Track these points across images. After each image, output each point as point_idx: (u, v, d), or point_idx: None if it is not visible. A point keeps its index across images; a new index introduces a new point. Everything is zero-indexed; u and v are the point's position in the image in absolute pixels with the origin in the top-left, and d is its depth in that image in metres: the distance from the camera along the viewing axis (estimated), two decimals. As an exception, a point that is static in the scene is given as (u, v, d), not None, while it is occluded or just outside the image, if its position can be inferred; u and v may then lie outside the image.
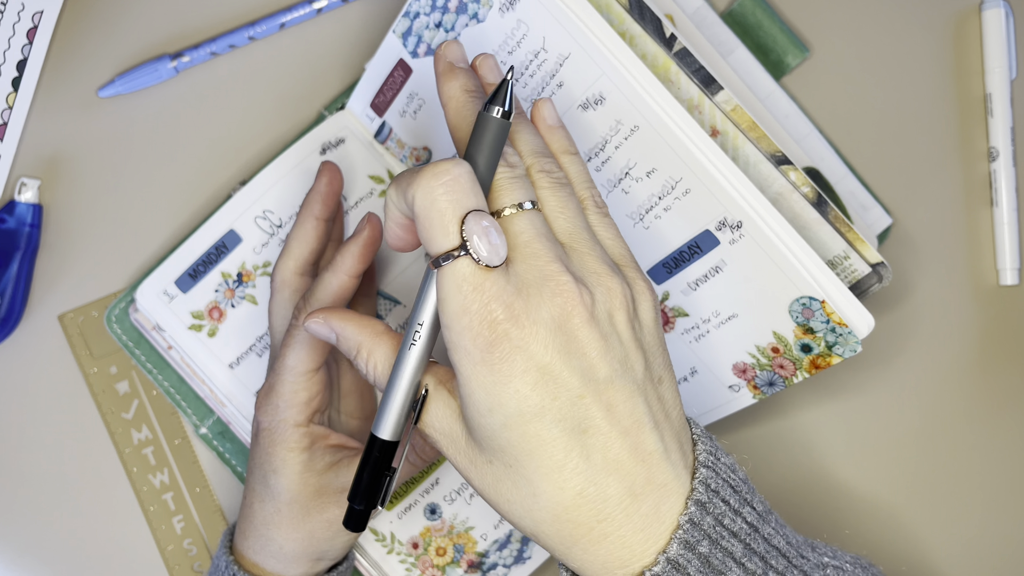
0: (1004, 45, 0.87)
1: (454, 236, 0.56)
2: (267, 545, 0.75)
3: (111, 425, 0.86)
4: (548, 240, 0.59)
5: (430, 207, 0.56)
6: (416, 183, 0.57)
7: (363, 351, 0.64)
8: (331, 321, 0.65)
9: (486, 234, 0.56)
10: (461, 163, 0.57)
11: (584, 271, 0.59)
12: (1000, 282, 0.88)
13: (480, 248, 0.56)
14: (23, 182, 0.85)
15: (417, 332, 0.60)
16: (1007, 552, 0.89)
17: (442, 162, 0.57)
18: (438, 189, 0.56)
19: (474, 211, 0.56)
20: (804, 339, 0.71)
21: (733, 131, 0.73)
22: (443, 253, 0.56)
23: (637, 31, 0.72)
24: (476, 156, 0.59)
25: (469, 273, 0.56)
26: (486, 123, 0.59)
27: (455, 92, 0.63)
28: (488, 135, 0.59)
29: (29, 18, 0.84)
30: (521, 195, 0.59)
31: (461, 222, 0.56)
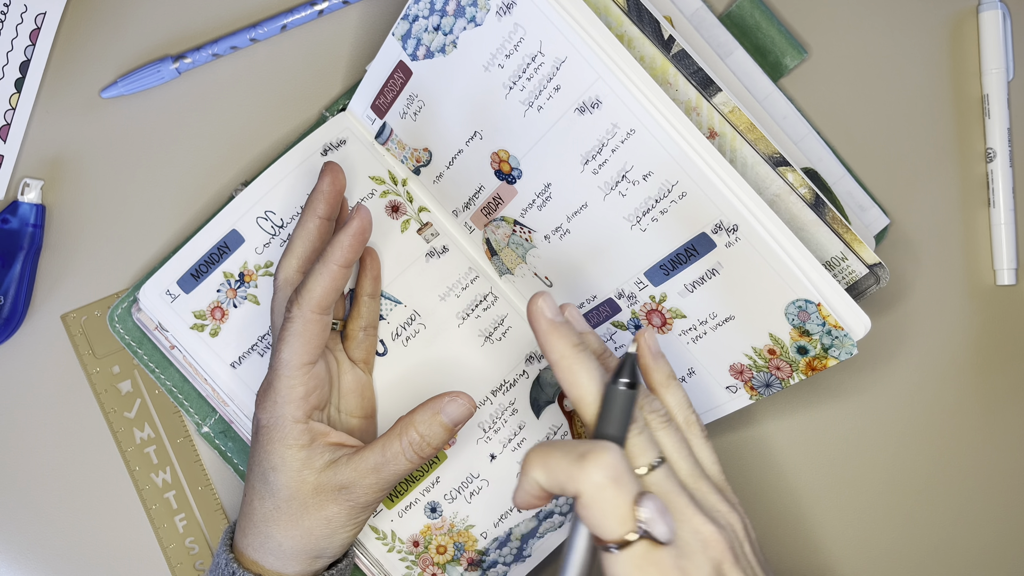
0: (1001, 46, 0.87)
1: (628, 522, 0.58)
2: (266, 542, 0.75)
3: (113, 424, 0.86)
4: (683, 493, 0.63)
5: (600, 499, 0.58)
6: (580, 477, 0.59)
7: None
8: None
9: (660, 516, 0.58)
10: (613, 449, 0.59)
11: (714, 511, 0.64)
12: (997, 282, 0.88)
13: (660, 531, 0.58)
14: (26, 182, 0.85)
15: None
16: (1007, 552, 0.89)
17: (595, 452, 0.59)
18: (604, 482, 0.58)
19: (644, 495, 0.59)
20: (800, 341, 0.72)
21: (731, 133, 0.74)
22: (618, 539, 0.59)
23: (635, 33, 0.73)
24: (610, 428, 0.62)
25: (645, 552, 0.59)
26: (616, 396, 0.62)
27: (565, 351, 0.65)
28: (618, 407, 0.62)
29: (32, 19, 0.84)
30: (652, 453, 0.63)
31: (633, 508, 0.58)
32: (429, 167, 0.83)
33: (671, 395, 0.69)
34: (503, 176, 0.78)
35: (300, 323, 0.73)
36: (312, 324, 0.73)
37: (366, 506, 0.74)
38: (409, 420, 0.73)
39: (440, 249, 0.85)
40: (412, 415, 0.74)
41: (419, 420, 0.73)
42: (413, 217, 0.85)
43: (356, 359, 0.82)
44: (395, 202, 0.85)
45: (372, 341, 0.84)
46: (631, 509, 0.58)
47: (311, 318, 0.73)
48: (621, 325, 0.80)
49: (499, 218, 0.81)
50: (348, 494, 0.73)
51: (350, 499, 0.73)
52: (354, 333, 0.82)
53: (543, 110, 0.72)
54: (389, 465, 0.73)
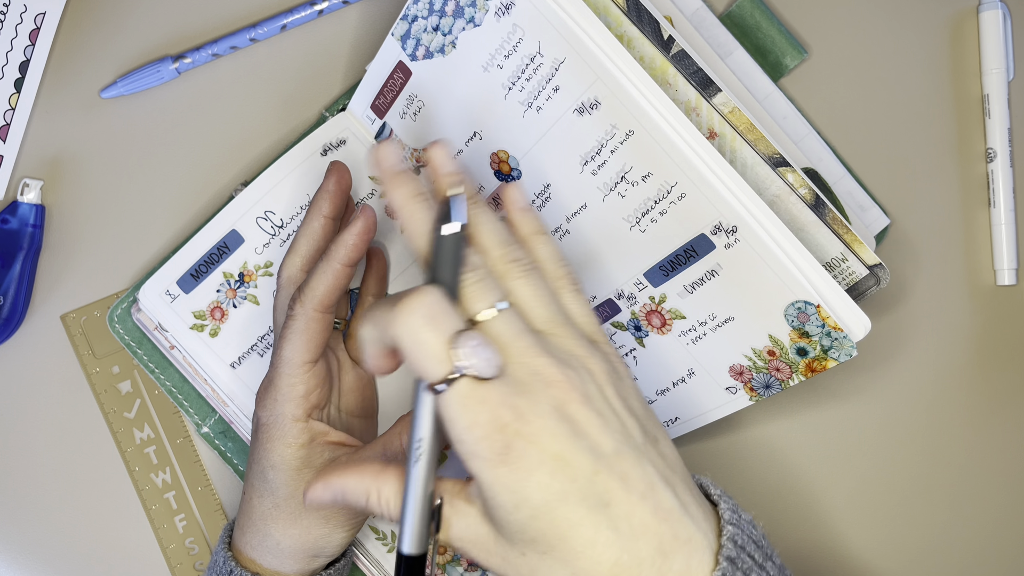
0: (1001, 46, 0.87)
1: (446, 362, 0.58)
2: (264, 540, 0.75)
3: (113, 424, 0.86)
4: (528, 335, 0.61)
5: (415, 341, 0.58)
6: (394, 322, 0.59)
7: (372, 495, 0.65)
8: (329, 483, 0.67)
9: (476, 352, 0.58)
10: (429, 290, 0.59)
11: (567, 355, 0.62)
12: (997, 282, 0.88)
13: (476, 366, 0.58)
14: (26, 183, 0.85)
15: (418, 448, 0.62)
16: (1007, 552, 0.89)
17: (411, 294, 0.59)
18: (417, 323, 0.58)
19: (459, 333, 0.59)
20: (800, 343, 0.72)
21: (731, 133, 0.73)
22: (440, 380, 0.58)
23: (635, 33, 0.73)
24: (440, 274, 0.61)
25: (470, 390, 0.58)
26: (442, 242, 0.62)
27: (403, 201, 0.65)
28: (447, 252, 0.61)
29: (32, 19, 0.84)
30: (491, 297, 0.61)
31: (449, 347, 0.58)
32: (429, 167, 0.83)
33: (540, 247, 0.68)
34: (503, 176, 0.78)
35: (302, 321, 0.73)
36: (314, 322, 0.73)
37: None
38: (409, 419, 0.73)
39: (440, 249, 0.85)
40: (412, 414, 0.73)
41: None
42: (413, 217, 0.85)
43: (358, 359, 0.82)
44: (395, 202, 0.85)
45: (374, 341, 0.84)
46: (447, 348, 0.58)
47: (313, 316, 0.73)
48: (621, 326, 0.80)
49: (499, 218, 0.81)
50: None
51: None
52: (357, 333, 0.82)
53: (542, 111, 0.72)
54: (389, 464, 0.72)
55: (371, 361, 0.64)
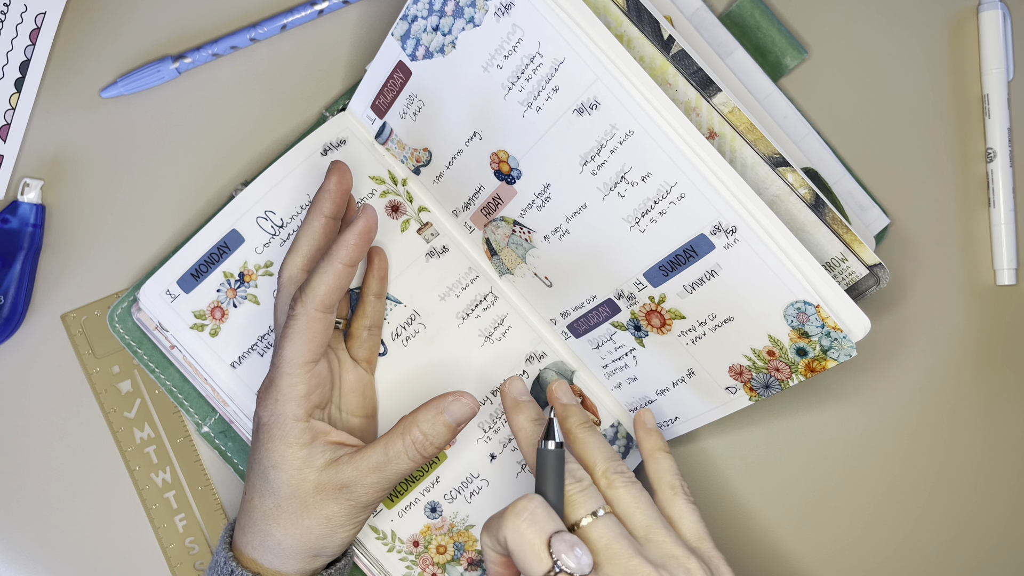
0: (1001, 46, 0.87)
1: (545, 560, 0.65)
2: (265, 540, 0.75)
3: (113, 424, 0.86)
4: (625, 539, 0.68)
5: (520, 541, 0.66)
6: (503, 526, 0.66)
7: None
8: None
9: (571, 549, 0.65)
10: (533, 497, 0.67)
11: (664, 558, 0.68)
12: (997, 282, 0.88)
13: (568, 563, 0.64)
14: (26, 182, 0.85)
15: None
16: (1009, 552, 0.89)
17: (519, 501, 0.67)
18: (522, 525, 0.66)
19: (555, 533, 0.66)
20: (799, 343, 0.72)
21: (731, 133, 0.73)
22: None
23: (635, 33, 0.73)
24: (544, 485, 0.70)
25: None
26: (544, 457, 0.70)
27: (523, 424, 0.76)
28: (548, 466, 0.70)
29: (32, 19, 0.84)
30: (592, 504, 0.69)
31: (548, 546, 0.65)
32: (429, 167, 0.83)
33: (663, 462, 0.78)
34: (502, 176, 0.78)
35: (303, 321, 0.73)
36: (315, 322, 0.73)
37: (366, 505, 0.74)
38: (412, 419, 0.73)
39: (440, 249, 0.85)
40: (415, 414, 0.73)
41: (422, 419, 0.73)
42: (413, 217, 0.85)
43: (359, 358, 0.82)
44: (395, 202, 0.85)
45: (375, 341, 0.84)
46: (545, 546, 0.65)
47: (315, 316, 0.73)
48: (621, 326, 0.80)
49: (499, 218, 0.81)
50: (349, 493, 0.73)
51: (351, 498, 0.73)
52: (358, 332, 0.82)
53: (542, 111, 0.72)
54: (391, 464, 0.73)
55: (493, 568, 0.71)
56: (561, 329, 0.85)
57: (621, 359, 0.83)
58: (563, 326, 0.84)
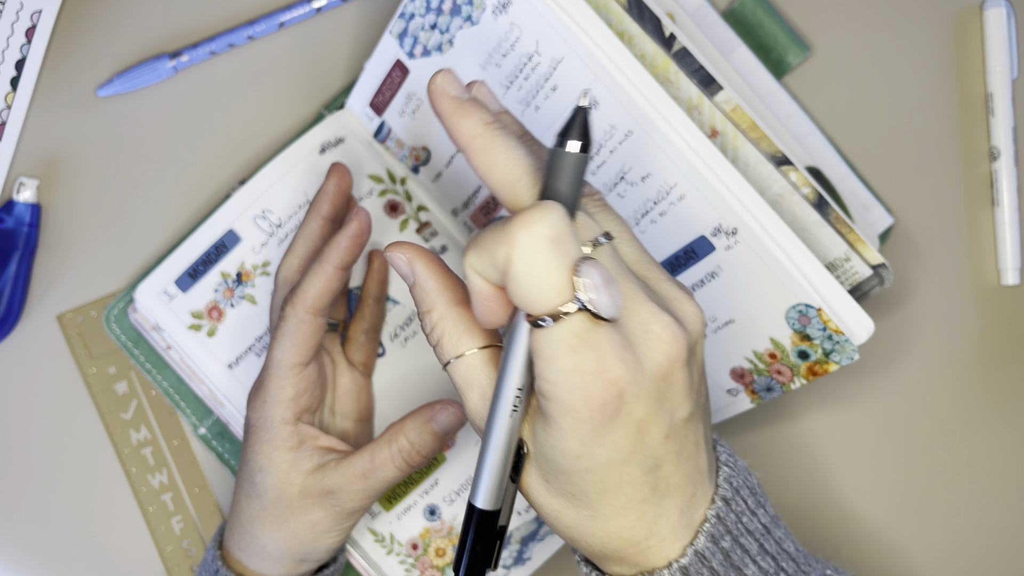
0: (1005, 44, 0.87)
1: (565, 292, 0.49)
2: (251, 543, 0.75)
3: (110, 425, 0.86)
4: (633, 277, 0.54)
5: (531, 261, 0.49)
6: (510, 239, 0.50)
7: (434, 314, 0.57)
8: (416, 263, 0.58)
9: (605, 286, 0.50)
10: (552, 207, 0.50)
11: (667, 300, 0.55)
12: (1002, 282, 0.88)
13: (604, 303, 0.50)
14: (21, 181, 0.85)
15: (519, 397, 0.54)
16: (1013, 552, 0.89)
17: (531, 211, 0.50)
18: (539, 241, 0.49)
19: (586, 260, 0.50)
20: (801, 346, 0.71)
21: (733, 132, 0.73)
22: (549, 311, 0.50)
23: (636, 31, 0.72)
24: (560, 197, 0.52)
25: (582, 330, 0.50)
26: (563, 160, 0.52)
27: (475, 129, 0.55)
28: (568, 173, 0.52)
29: (28, 17, 0.84)
30: (596, 228, 0.54)
31: (572, 274, 0.49)
32: (428, 166, 0.82)
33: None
34: (502, 176, 0.77)
35: (293, 323, 0.73)
36: (305, 324, 0.73)
37: (352, 512, 0.74)
38: (399, 427, 0.73)
39: (439, 249, 0.85)
40: (403, 422, 0.73)
41: (409, 428, 0.72)
42: (412, 216, 0.85)
43: (355, 362, 0.82)
44: (394, 201, 0.84)
45: (373, 345, 0.83)
46: (570, 274, 0.49)
47: (304, 318, 0.72)
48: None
49: (498, 218, 0.80)
50: (334, 499, 0.72)
51: (336, 504, 0.73)
52: (355, 336, 0.82)
53: (540, 110, 0.72)
54: (377, 472, 0.72)
55: (480, 305, 0.54)
56: (561, 329, 0.84)
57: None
58: (563, 326, 0.84)
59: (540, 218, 0.49)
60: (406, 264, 0.58)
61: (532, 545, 0.85)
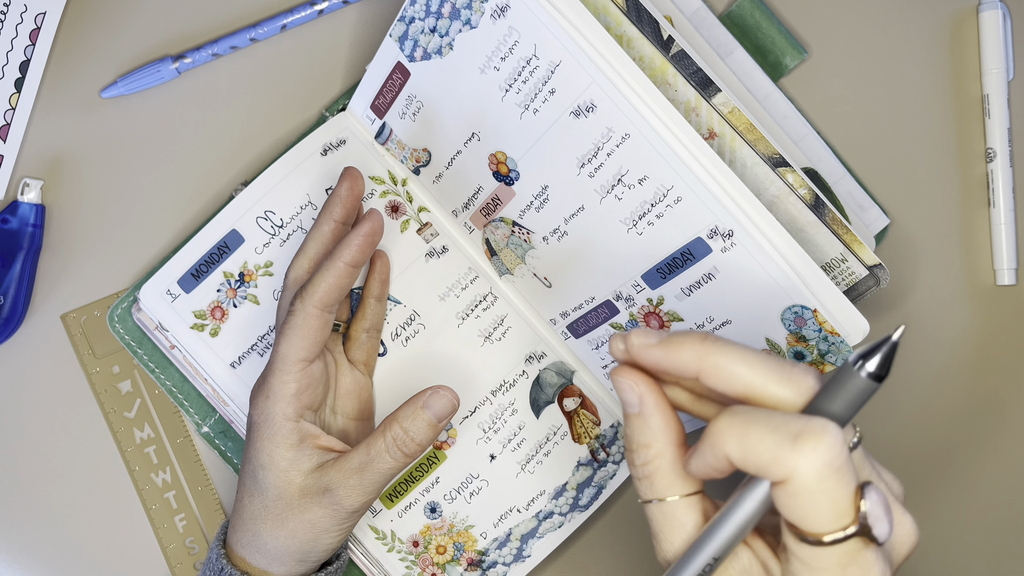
0: (1001, 46, 0.87)
1: (847, 516, 0.50)
2: (253, 540, 0.75)
3: (113, 424, 0.87)
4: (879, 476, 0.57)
5: (818, 489, 0.49)
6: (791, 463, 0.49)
7: (652, 451, 0.58)
8: (646, 398, 0.58)
9: (887, 513, 0.51)
10: (833, 430, 0.50)
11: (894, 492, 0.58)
12: (997, 282, 0.88)
13: (881, 532, 0.50)
14: (26, 182, 0.85)
15: (710, 565, 0.55)
16: (1009, 553, 0.89)
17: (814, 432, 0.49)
18: (825, 470, 0.49)
19: (868, 486, 0.50)
20: (797, 347, 0.71)
21: (730, 133, 0.73)
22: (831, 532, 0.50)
23: (634, 33, 0.72)
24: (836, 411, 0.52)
25: (856, 550, 0.51)
26: (856, 382, 0.52)
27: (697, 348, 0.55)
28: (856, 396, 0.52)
29: (32, 19, 0.84)
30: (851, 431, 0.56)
31: (856, 500, 0.50)
32: (428, 167, 0.83)
33: None
34: (501, 177, 0.78)
35: (301, 317, 0.73)
36: (313, 319, 0.73)
37: (352, 511, 0.74)
38: (393, 416, 0.74)
39: (440, 249, 0.85)
40: (396, 411, 0.74)
41: (403, 416, 0.73)
42: (413, 217, 0.85)
43: (356, 361, 0.82)
44: (395, 202, 0.85)
45: (374, 344, 0.84)
46: (853, 503, 0.50)
47: (312, 313, 0.73)
48: (620, 327, 0.80)
49: (498, 219, 0.81)
50: (332, 496, 0.73)
51: (335, 502, 0.73)
52: (356, 335, 0.83)
53: (539, 113, 0.72)
54: (373, 463, 0.72)
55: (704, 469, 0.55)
56: (561, 329, 0.85)
57: (621, 360, 0.83)
58: (563, 326, 0.84)
59: (825, 444, 0.49)
60: (635, 394, 0.58)
61: (531, 542, 0.85)
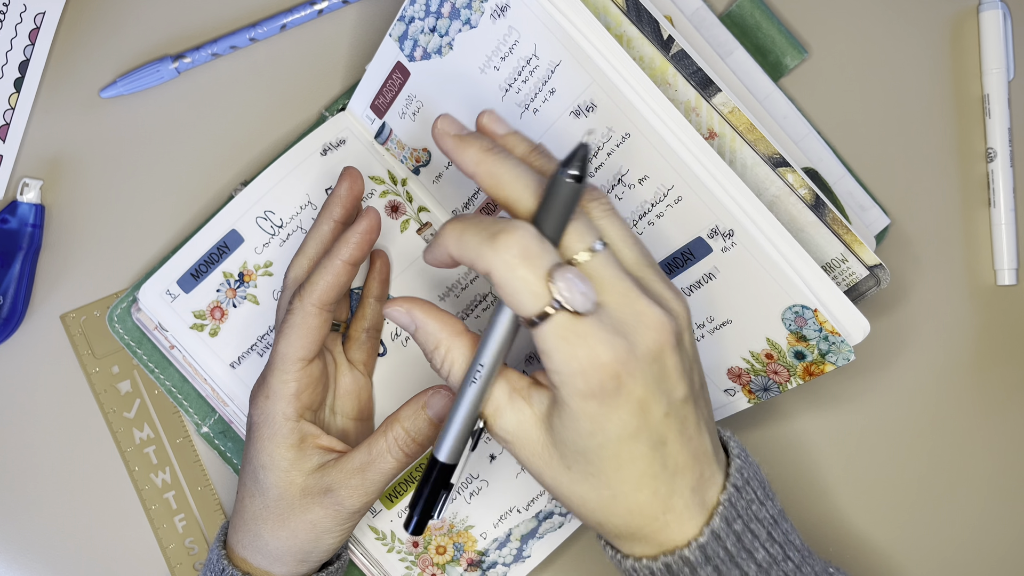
0: (1002, 46, 0.87)
1: (543, 296, 0.58)
2: (254, 540, 0.75)
3: (113, 424, 0.86)
4: (627, 276, 0.61)
5: (511, 276, 0.58)
6: (488, 256, 0.59)
7: (441, 349, 0.66)
8: (414, 311, 0.66)
9: (574, 286, 0.58)
10: (522, 227, 0.59)
11: (659, 297, 0.62)
12: (997, 282, 0.88)
13: (574, 301, 0.58)
14: (25, 182, 0.85)
15: (479, 372, 0.63)
16: (1008, 553, 0.89)
17: (507, 231, 0.59)
18: (514, 260, 0.58)
19: (556, 267, 0.58)
20: (797, 346, 0.71)
21: (730, 133, 0.73)
22: (535, 314, 0.58)
23: (634, 33, 0.72)
24: (548, 217, 0.60)
25: (568, 323, 0.58)
26: (560, 186, 0.60)
27: (477, 156, 0.63)
28: (562, 198, 0.60)
29: (31, 19, 0.84)
30: (592, 237, 0.61)
31: (547, 281, 0.58)
32: (428, 167, 0.83)
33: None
34: (501, 177, 0.78)
35: (299, 316, 0.73)
36: (311, 318, 0.73)
37: (353, 512, 0.74)
38: (394, 417, 0.73)
39: (440, 249, 0.85)
40: (397, 412, 0.73)
41: (404, 415, 0.73)
42: (413, 217, 0.85)
43: (356, 361, 0.82)
44: (395, 202, 0.85)
45: (373, 344, 0.83)
46: (544, 283, 0.58)
47: (311, 311, 0.73)
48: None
49: (497, 218, 0.81)
50: (333, 497, 0.73)
51: (335, 502, 0.73)
52: (356, 335, 0.82)
53: (539, 113, 0.72)
54: (375, 464, 0.72)
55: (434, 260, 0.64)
56: (561, 329, 0.85)
57: (620, 360, 0.82)
58: (563, 326, 0.84)
59: (514, 238, 0.58)
60: (405, 314, 0.67)
61: (531, 543, 0.85)
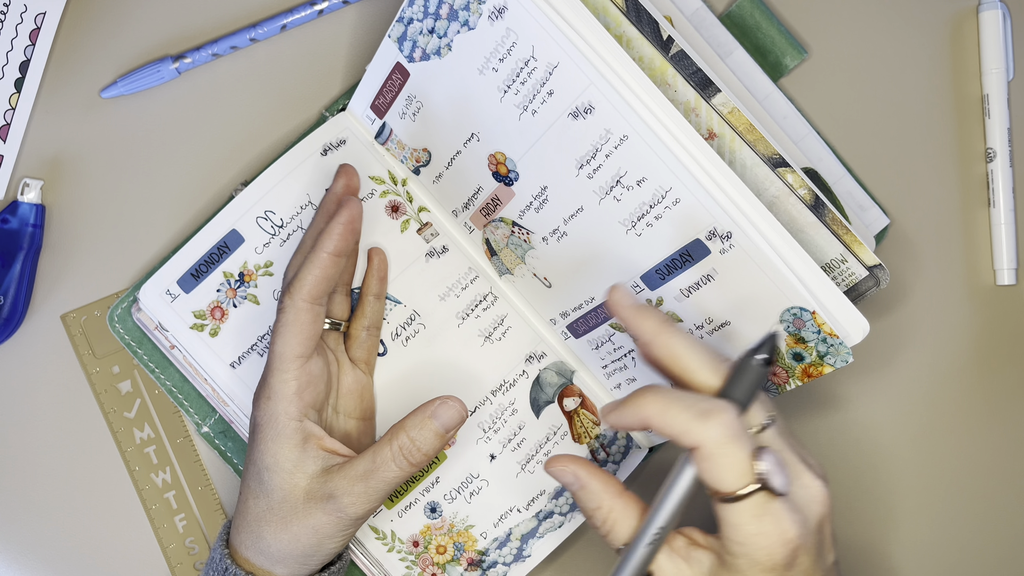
0: (1001, 46, 0.87)
1: (747, 475, 0.62)
2: (257, 542, 0.75)
3: (113, 424, 0.87)
4: (791, 450, 0.68)
5: (720, 454, 0.62)
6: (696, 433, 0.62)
7: (603, 509, 0.69)
8: (579, 472, 0.71)
9: (779, 470, 0.63)
10: (731, 409, 0.63)
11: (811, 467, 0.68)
12: (997, 282, 0.88)
13: (777, 483, 0.62)
14: (26, 182, 0.85)
15: (657, 536, 0.66)
16: (1008, 553, 0.89)
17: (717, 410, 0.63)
18: (724, 438, 0.62)
19: (762, 450, 0.63)
20: (796, 348, 0.71)
21: (730, 134, 0.73)
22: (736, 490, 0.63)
23: (634, 34, 0.72)
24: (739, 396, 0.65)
25: (763, 502, 0.63)
26: (751, 369, 0.65)
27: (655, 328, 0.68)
28: (751, 379, 0.65)
29: (32, 19, 0.84)
30: (765, 413, 0.67)
31: (752, 460, 0.62)
32: (428, 167, 0.83)
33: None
34: (501, 178, 0.78)
35: (291, 313, 0.73)
36: (303, 314, 0.73)
37: (355, 518, 0.74)
38: (400, 425, 0.73)
39: (440, 249, 0.85)
40: (403, 420, 0.73)
41: (410, 425, 0.73)
42: (413, 217, 0.85)
43: (357, 359, 0.82)
44: (395, 202, 0.85)
45: (374, 342, 0.84)
46: (750, 463, 0.62)
47: (302, 307, 0.73)
48: (620, 327, 0.80)
49: (498, 219, 0.81)
50: (336, 503, 0.73)
51: (338, 509, 0.73)
52: (357, 333, 0.82)
53: (537, 114, 0.72)
54: (378, 471, 0.72)
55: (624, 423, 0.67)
56: (561, 329, 0.85)
57: (620, 360, 0.83)
58: (563, 326, 0.84)
59: (724, 419, 0.62)
60: (570, 474, 0.71)
61: (532, 542, 0.85)
